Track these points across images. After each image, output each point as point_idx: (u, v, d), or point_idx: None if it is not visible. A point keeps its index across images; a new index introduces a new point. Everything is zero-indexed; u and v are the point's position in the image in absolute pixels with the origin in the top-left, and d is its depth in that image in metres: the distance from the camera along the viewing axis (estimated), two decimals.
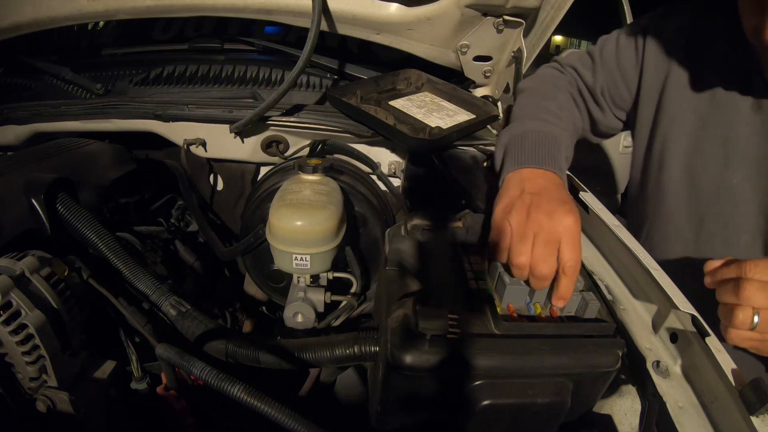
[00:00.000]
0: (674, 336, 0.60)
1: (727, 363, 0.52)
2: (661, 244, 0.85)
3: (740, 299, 0.55)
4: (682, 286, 0.60)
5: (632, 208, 0.95)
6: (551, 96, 0.87)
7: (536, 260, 0.54)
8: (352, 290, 0.92)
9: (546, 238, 0.55)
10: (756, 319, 0.54)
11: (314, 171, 0.89)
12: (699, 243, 0.81)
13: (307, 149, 1.07)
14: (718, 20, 0.77)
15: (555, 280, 0.56)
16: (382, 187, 1.08)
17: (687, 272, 0.66)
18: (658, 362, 0.59)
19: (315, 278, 0.90)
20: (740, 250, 0.75)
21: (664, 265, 0.74)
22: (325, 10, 0.96)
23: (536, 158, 0.66)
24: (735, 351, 0.75)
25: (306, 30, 0.92)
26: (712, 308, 0.62)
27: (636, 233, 0.90)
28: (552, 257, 0.54)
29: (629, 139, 1.04)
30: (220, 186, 1.20)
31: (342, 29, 1.03)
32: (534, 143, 0.69)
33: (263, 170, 1.16)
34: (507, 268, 0.58)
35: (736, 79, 0.74)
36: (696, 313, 0.56)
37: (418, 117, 1.00)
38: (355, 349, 0.60)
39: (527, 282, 0.57)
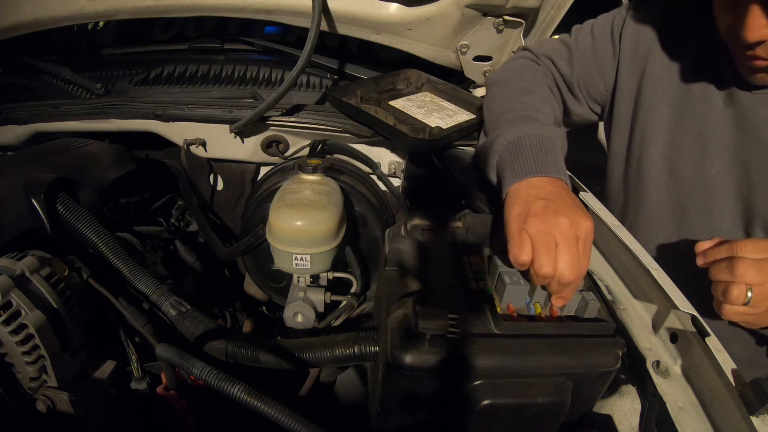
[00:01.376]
0: (674, 336, 0.60)
1: (727, 363, 0.52)
2: (646, 236, 0.85)
3: (734, 276, 0.59)
4: (669, 275, 0.61)
5: (614, 201, 0.95)
6: (532, 90, 0.84)
7: (562, 269, 0.53)
8: (352, 290, 0.92)
9: (569, 243, 0.54)
10: (749, 294, 0.58)
11: (314, 171, 0.89)
12: (682, 232, 0.82)
13: (307, 149, 1.07)
14: (689, 12, 0.77)
15: None
16: (382, 187, 1.08)
17: (673, 261, 0.67)
18: (658, 362, 0.59)
19: (315, 278, 0.90)
20: (722, 236, 0.76)
21: (651, 255, 0.74)
22: (325, 10, 0.96)
23: (540, 167, 0.64)
24: (731, 342, 0.76)
25: (306, 30, 0.92)
26: (701, 296, 0.63)
27: None
28: (577, 263, 0.53)
29: None
30: (220, 186, 1.20)
31: (342, 29, 1.03)
32: (534, 150, 0.67)
33: (263, 170, 1.16)
34: (510, 268, 0.58)
35: (708, 72, 0.75)
36: (696, 313, 0.56)
37: (418, 117, 1.00)
38: (355, 349, 0.60)
39: (547, 286, 0.56)
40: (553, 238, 0.54)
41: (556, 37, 0.95)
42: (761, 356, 0.79)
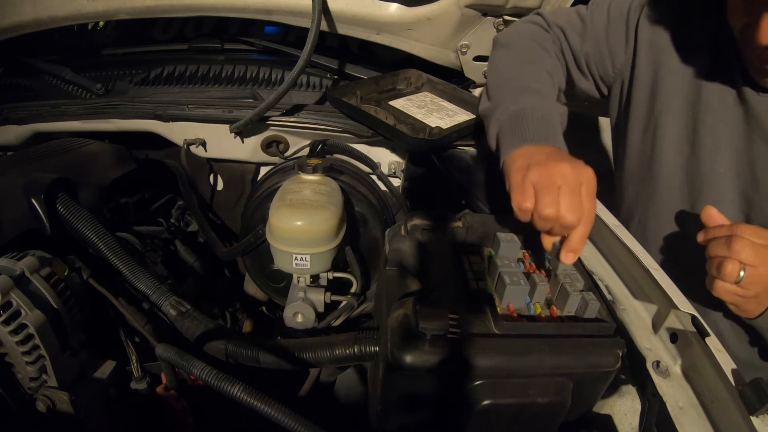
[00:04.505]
0: (674, 336, 0.60)
1: (727, 363, 0.52)
2: (655, 230, 0.85)
3: (730, 252, 0.59)
4: (678, 272, 0.61)
5: (623, 192, 0.94)
6: (540, 59, 0.85)
7: (564, 211, 0.54)
8: (352, 290, 0.92)
9: (572, 186, 0.55)
10: (742, 273, 0.59)
11: (314, 171, 0.89)
12: (691, 229, 0.81)
13: (307, 149, 1.07)
14: (708, 5, 0.76)
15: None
16: (382, 187, 1.08)
17: (682, 258, 0.67)
18: (658, 362, 0.59)
19: (315, 278, 0.90)
20: None
21: (659, 250, 0.73)
22: (325, 10, 0.96)
23: (541, 135, 0.66)
24: (731, 343, 0.76)
25: (306, 30, 0.92)
26: (708, 294, 0.64)
27: (628, 218, 0.90)
28: (579, 206, 0.55)
29: None
30: (220, 186, 1.20)
31: (342, 29, 1.03)
32: (536, 122, 0.69)
33: (263, 170, 1.16)
34: (510, 268, 0.58)
35: (723, 68, 0.74)
36: (696, 313, 0.56)
37: (418, 117, 1.00)
38: (355, 349, 0.60)
39: (551, 233, 0.57)
40: (555, 183, 0.55)
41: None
42: (760, 357, 0.79)
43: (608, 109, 0.94)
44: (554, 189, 0.55)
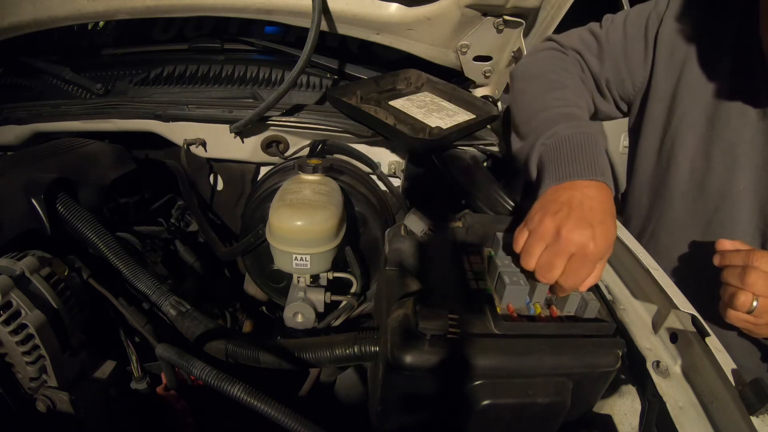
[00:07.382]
0: (674, 336, 0.60)
1: (727, 363, 0.52)
2: (668, 245, 0.84)
3: (744, 284, 0.60)
4: (689, 286, 0.61)
5: (635, 205, 0.92)
6: (564, 84, 0.80)
7: (540, 267, 0.55)
8: (352, 290, 0.92)
9: (556, 249, 0.54)
10: (754, 303, 0.60)
11: (314, 171, 0.89)
12: (705, 245, 0.79)
13: (307, 149, 1.07)
14: (729, 21, 0.75)
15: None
16: (382, 187, 1.08)
17: (695, 273, 0.67)
18: (658, 362, 0.59)
19: (315, 278, 0.90)
20: None
21: (671, 265, 0.72)
22: (325, 10, 0.96)
23: (577, 170, 0.61)
24: (741, 353, 0.76)
25: (306, 30, 0.92)
26: (715, 309, 0.64)
27: (641, 230, 0.90)
28: (556, 269, 0.54)
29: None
30: (220, 186, 1.20)
31: (342, 29, 1.03)
32: (572, 151, 0.63)
33: (263, 170, 1.16)
34: (510, 268, 0.59)
35: (744, 84, 0.73)
36: (696, 313, 0.56)
37: (418, 117, 1.00)
38: (355, 349, 0.60)
39: (528, 278, 0.57)
40: (543, 239, 0.55)
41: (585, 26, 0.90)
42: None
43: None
44: (539, 245, 0.55)
